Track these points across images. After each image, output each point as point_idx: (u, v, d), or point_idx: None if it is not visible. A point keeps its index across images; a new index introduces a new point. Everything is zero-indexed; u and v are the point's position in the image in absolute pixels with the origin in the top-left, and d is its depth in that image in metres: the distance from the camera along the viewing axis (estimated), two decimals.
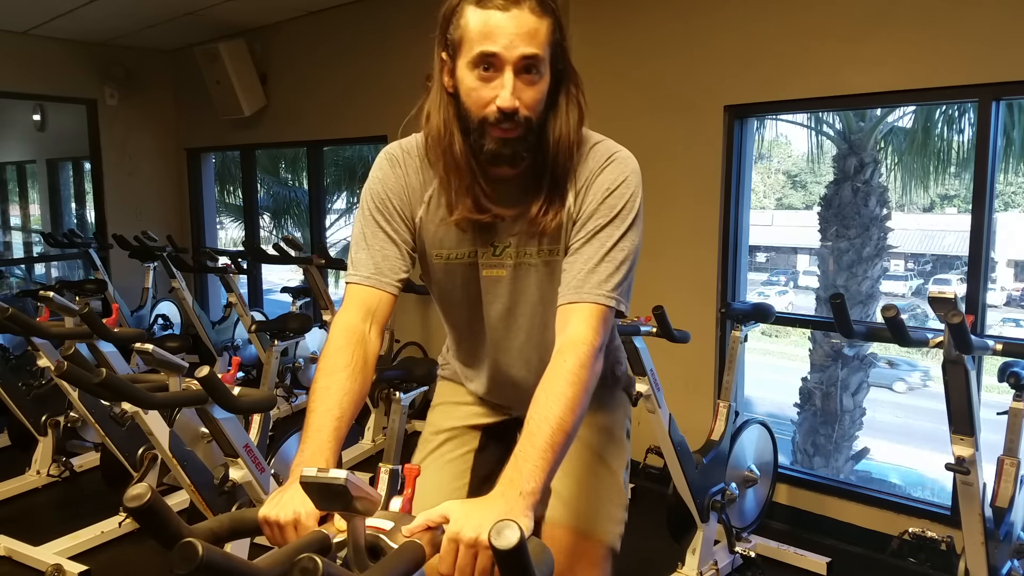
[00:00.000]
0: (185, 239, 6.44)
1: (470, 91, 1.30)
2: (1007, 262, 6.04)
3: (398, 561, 0.94)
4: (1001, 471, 2.52)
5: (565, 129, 1.35)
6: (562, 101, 1.36)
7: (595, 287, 1.32)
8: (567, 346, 1.28)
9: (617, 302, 1.34)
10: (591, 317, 1.31)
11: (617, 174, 1.38)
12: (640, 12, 3.80)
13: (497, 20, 1.25)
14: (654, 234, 3.70)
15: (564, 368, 1.25)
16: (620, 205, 1.36)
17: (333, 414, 1.26)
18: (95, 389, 2.07)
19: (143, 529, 0.90)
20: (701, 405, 3.60)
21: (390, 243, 1.43)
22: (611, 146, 1.43)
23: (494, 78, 1.27)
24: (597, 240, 1.35)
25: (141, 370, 3.74)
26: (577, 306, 1.32)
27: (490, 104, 1.28)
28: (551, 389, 1.23)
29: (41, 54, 5.69)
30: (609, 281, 1.33)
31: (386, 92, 4.72)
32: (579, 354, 1.26)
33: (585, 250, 1.36)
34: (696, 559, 2.86)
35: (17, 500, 3.69)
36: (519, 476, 1.14)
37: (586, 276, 1.33)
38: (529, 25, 1.26)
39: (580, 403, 1.23)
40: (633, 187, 1.38)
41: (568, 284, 1.35)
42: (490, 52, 1.26)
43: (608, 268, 1.33)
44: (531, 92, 1.29)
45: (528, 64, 1.27)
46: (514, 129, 1.29)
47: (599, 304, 1.32)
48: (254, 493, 2.52)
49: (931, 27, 2.97)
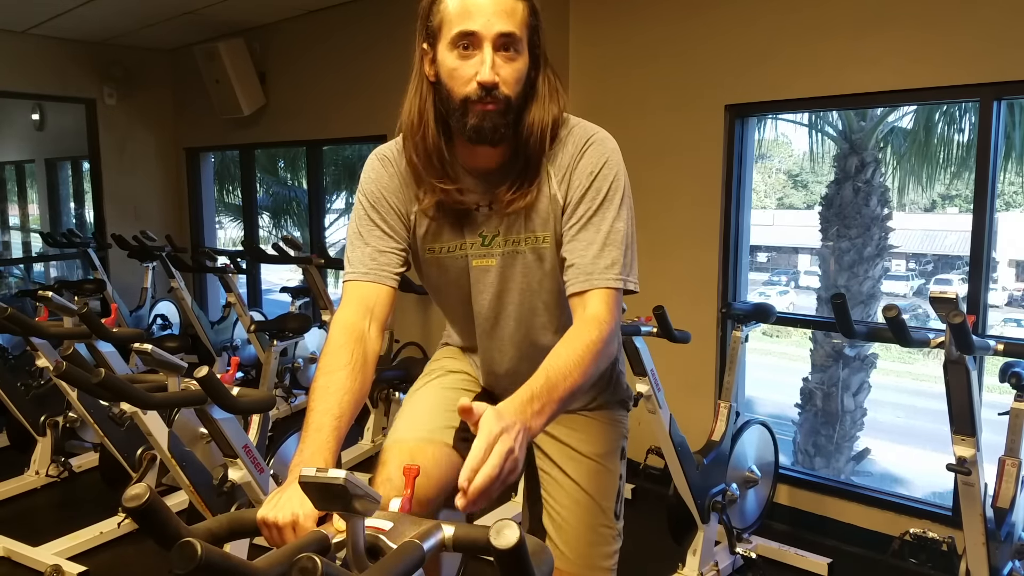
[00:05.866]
0: (184, 239, 6.44)
1: (451, 71, 1.32)
2: (1008, 262, 6.04)
3: (397, 561, 0.94)
4: (1002, 471, 2.52)
5: (540, 114, 1.38)
6: (541, 87, 1.39)
7: (603, 271, 1.37)
8: (591, 321, 1.33)
9: (625, 282, 1.39)
10: (607, 300, 1.36)
11: (598, 156, 1.41)
12: (640, 12, 3.80)
13: (475, 0, 1.29)
14: (655, 234, 3.73)
15: (589, 338, 1.30)
16: (606, 187, 1.40)
17: (333, 413, 1.26)
18: (94, 389, 2.06)
19: (142, 529, 0.89)
20: (702, 405, 3.59)
21: (386, 238, 1.44)
22: (588, 128, 1.45)
23: (474, 55, 1.31)
24: (592, 225, 1.39)
25: (140, 370, 3.74)
26: (591, 292, 1.36)
27: (471, 81, 1.31)
28: (573, 350, 1.27)
29: (40, 53, 5.68)
30: (616, 265, 1.38)
31: (385, 91, 4.71)
32: (602, 330, 1.32)
33: (583, 236, 1.39)
34: (697, 560, 2.86)
35: (16, 500, 3.69)
36: (531, 409, 1.17)
37: (593, 262, 1.37)
38: (506, 4, 1.30)
39: (592, 373, 1.29)
40: (616, 166, 1.41)
41: (577, 272, 1.38)
42: (469, 31, 1.29)
43: (612, 253, 1.38)
44: (509, 69, 1.32)
45: (506, 42, 1.31)
46: (494, 103, 1.32)
47: (611, 288, 1.37)
48: (253, 493, 2.52)
49: (932, 27, 2.96)
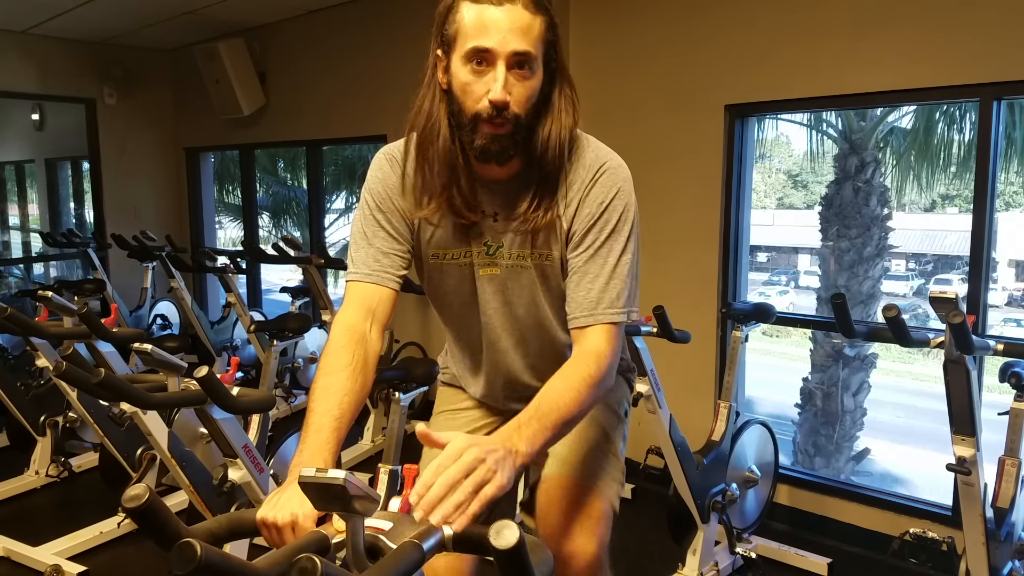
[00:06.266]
0: (184, 239, 6.44)
1: (464, 85, 1.30)
2: (1008, 262, 6.04)
3: (397, 561, 0.94)
4: (1002, 471, 2.52)
5: (556, 128, 1.36)
6: (556, 100, 1.37)
7: (608, 306, 1.38)
8: (590, 354, 1.34)
9: (627, 314, 1.40)
10: (609, 334, 1.37)
11: (610, 186, 1.40)
12: (640, 12, 3.80)
13: (491, 15, 1.26)
14: (655, 234, 3.73)
15: (586, 371, 1.32)
16: (616, 219, 1.39)
17: (333, 414, 1.26)
18: (94, 389, 2.06)
19: (142, 530, 0.89)
20: (702, 405, 3.59)
21: (390, 240, 1.43)
22: (603, 153, 1.43)
23: (487, 72, 1.28)
24: (599, 257, 1.39)
25: (140, 370, 3.74)
26: (594, 328, 1.37)
27: (483, 99, 1.29)
28: (568, 383, 1.28)
29: (40, 53, 5.68)
30: (620, 299, 1.39)
31: (385, 91, 4.71)
32: (601, 365, 1.33)
33: (589, 268, 1.39)
34: (697, 560, 2.85)
35: (16, 500, 3.68)
36: (519, 435, 1.17)
37: (598, 297, 1.38)
38: (523, 21, 1.27)
39: (588, 405, 1.30)
40: (626, 198, 1.41)
41: (581, 305, 1.38)
42: (483, 47, 1.27)
43: (617, 286, 1.38)
44: (522, 88, 1.30)
45: (520, 60, 1.28)
46: (504, 125, 1.30)
47: (615, 323, 1.38)
48: (253, 494, 2.52)
49: (932, 27, 2.96)
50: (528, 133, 1.34)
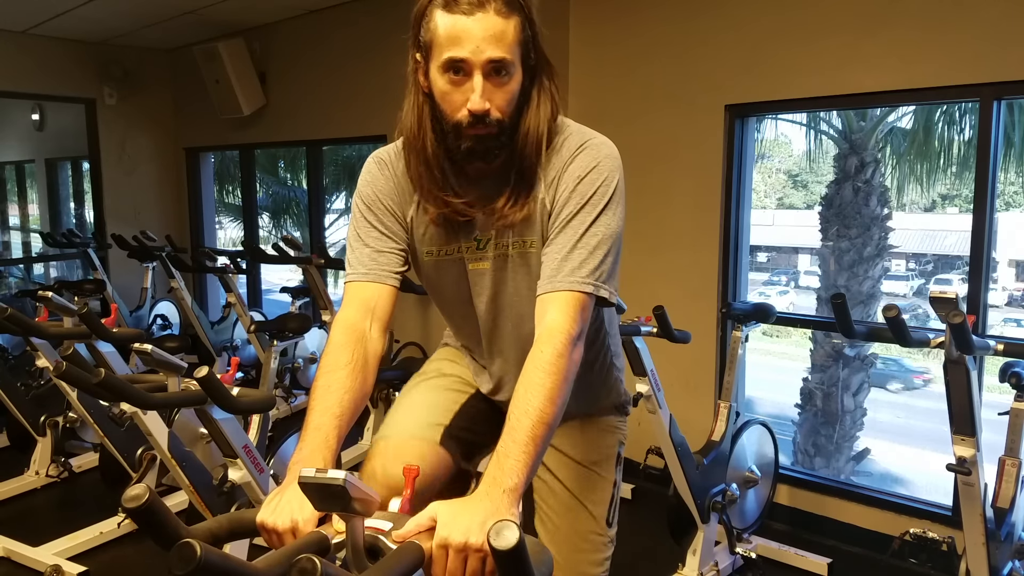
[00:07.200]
0: (184, 239, 6.44)
1: (443, 95, 1.31)
2: (1008, 262, 6.03)
3: (397, 562, 0.94)
4: (1002, 471, 2.52)
5: (535, 122, 1.36)
6: (534, 95, 1.36)
7: (568, 274, 1.31)
8: (544, 336, 1.27)
9: (595, 287, 1.31)
10: (567, 305, 1.29)
11: (588, 160, 1.37)
12: (640, 12, 3.79)
13: (463, 25, 1.25)
14: (655, 234, 3.73)
15: (541, 359, 1.24)
16: (592, 191, 1.35)
17: (333, 412, 1.26)
18: (94, 389, 2.06)
19: (142, 530, 0.90)
20: (702, 405, 3.59)
21: (384, 239, 1.44)
22: (585, 134, 1.42)
23: (464, 82, 1.28)
24: (570, 228, 1.34)
25: (140, 370, 3.74)
26: (552, 295, 1.31)
27: (462, 108, 1.29)
28: (530, 381, 1.22)
29: (40, 53, 5.68)
30: (583, 267, 1.31)
31: (385, 91, 4.71)
32: (555, 344, 1.25)
33: (559, 239, 1.35)
34: (697, 560, 2.85)
35: (16, 500, 3.68)
36: (502, 473, 1.14)
37: (559, 264, 1.32)
38: (496, 28, 1.26)
39: (560, 393, 1.23)
40: (607, 171, 1.37)
41: (544, 275, 1.34)
42: (458, 58, 1.26)
43: (581, 254, 1.32)
44: (501, 93, 1.30)
45: (497, 67, 1.28)
46: (486, 128, 1.30)
47: (574, 291, 1.30)
48: (253, 494, 2.52)
49: (932, 27, 2.96)
50: (513, 131, 1.35)
